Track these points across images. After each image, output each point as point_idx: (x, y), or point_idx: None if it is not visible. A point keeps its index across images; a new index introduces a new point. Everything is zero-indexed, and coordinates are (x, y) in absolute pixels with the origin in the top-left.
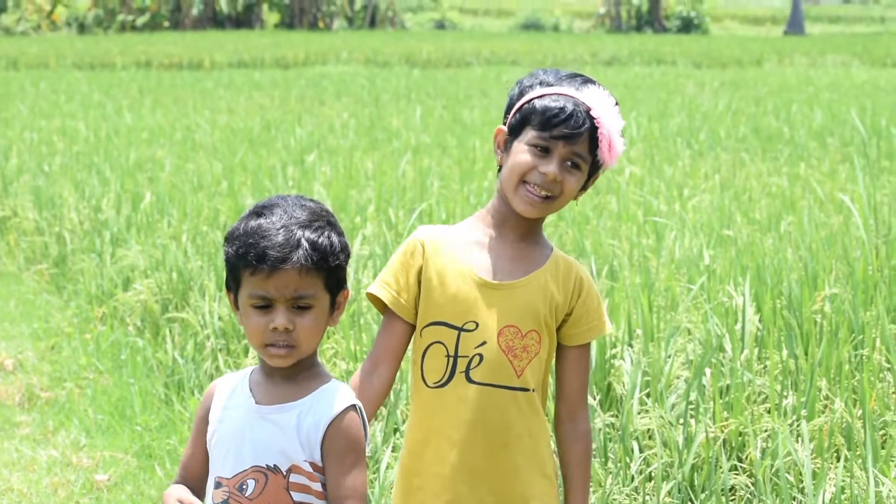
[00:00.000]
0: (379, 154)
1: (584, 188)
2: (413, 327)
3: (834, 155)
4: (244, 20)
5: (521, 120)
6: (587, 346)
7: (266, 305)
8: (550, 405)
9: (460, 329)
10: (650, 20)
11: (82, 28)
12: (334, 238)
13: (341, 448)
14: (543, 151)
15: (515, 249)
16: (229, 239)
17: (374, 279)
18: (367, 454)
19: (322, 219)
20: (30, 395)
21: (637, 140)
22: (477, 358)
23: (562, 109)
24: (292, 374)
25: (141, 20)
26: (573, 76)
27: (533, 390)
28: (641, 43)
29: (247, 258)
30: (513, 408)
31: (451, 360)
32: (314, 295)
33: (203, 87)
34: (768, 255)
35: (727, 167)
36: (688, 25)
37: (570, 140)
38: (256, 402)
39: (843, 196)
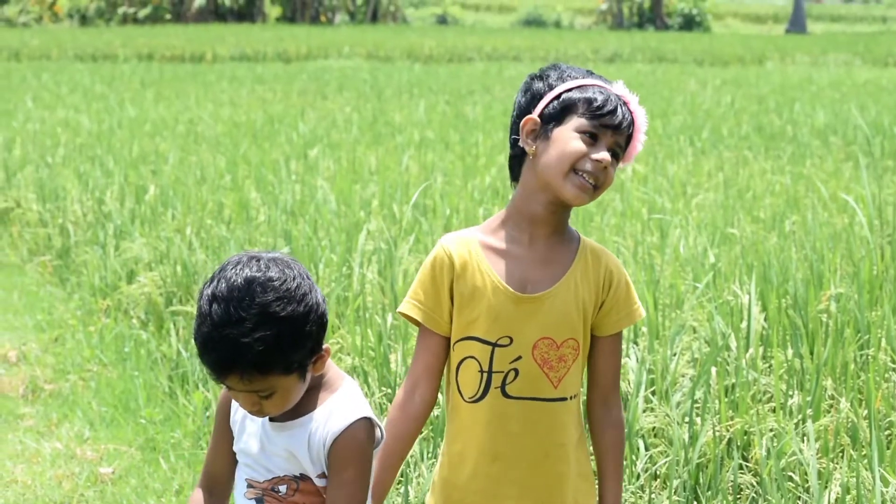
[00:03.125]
0: (382, 149)
1: None
2: (449, 339)
3: (837, 154)
4: (246, 13)
5: (563, 109)
6: (619, 334)
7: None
8: None
9: (494, 344)
10: (652, 17)
11: (84, 20)
12: (287, 336)
13: (341, 463)
14: (592, 139)
15: (546, 250)
16: (197, 310)
17: (377, 275)
18: (373, 463)
19: (275, 314)
20: (34, 387)
21: None
22: (512, 373)
23: (608, 100)
24: None
25: (143, 12)
26: (592, 73)
27: (572, 397)
28: (643, 40)
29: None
30: (552, 419)
31: (486, 375)
32: (271, 387)
33: (205, 80)
34: (773, 254)
35: (730, 165)
36: (689, 23)
37: (617, 130)
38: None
39: (846, 196)
